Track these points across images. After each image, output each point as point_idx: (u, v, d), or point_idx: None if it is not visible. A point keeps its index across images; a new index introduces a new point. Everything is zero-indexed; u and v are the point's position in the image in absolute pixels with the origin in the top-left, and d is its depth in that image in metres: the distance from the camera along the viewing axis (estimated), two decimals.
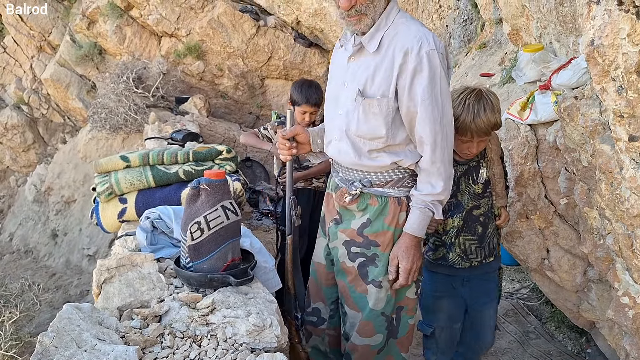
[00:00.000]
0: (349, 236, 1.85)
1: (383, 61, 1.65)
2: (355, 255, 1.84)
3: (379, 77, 1.65)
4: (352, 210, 1.84)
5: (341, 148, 1.77)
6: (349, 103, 1.72)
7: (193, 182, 1.66)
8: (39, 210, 7.31)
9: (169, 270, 1.74)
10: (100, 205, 2.42)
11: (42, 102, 7.92)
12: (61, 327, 1.17)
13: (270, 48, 7.25)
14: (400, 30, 1.63)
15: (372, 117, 1.67)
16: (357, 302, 1.87)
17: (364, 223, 1.81)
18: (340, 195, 1.84)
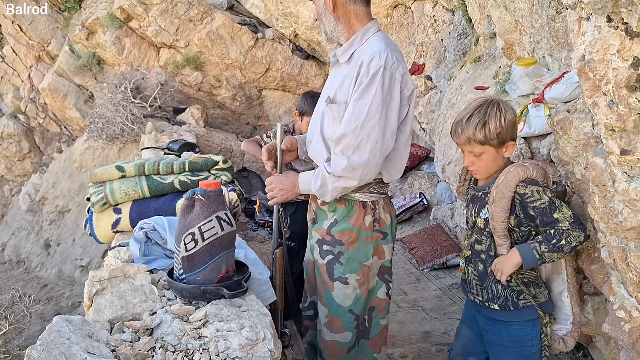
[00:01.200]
0: (321, 235, 2.00)
1: (350, 72, 1.81)
2: (325, 252, 1.99)
3: (345, 85, 1.81)
4: (325, 210, 1.98)
5: (317, 148, 1.94)
6: (322, 107, 1.92)
7: (188, 193, 1.66)
8: (32, 220, 7.27)
9: (162, 282, 1.73)
10: (94, 215, 2.42)
11: (39, 111, 7.92)
12: (50, 340, 1.15)
13: (268, 60, 7.30)
14: (367, 47, 1.79)
15: (333, 121, 1.83)
16: (326, 297, 2.01)
17: (331, 223, 1.96)
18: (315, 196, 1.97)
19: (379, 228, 1.96)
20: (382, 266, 2.03)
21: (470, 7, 4.51)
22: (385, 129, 1.75)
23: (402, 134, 1.85)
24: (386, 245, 2.00)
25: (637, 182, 1.32)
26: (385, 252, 2.01)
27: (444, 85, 5.17)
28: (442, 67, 5.27)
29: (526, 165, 1.84)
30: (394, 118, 1.77)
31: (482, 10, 4.25)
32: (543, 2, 2.91)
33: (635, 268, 1.57)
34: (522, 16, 3.21)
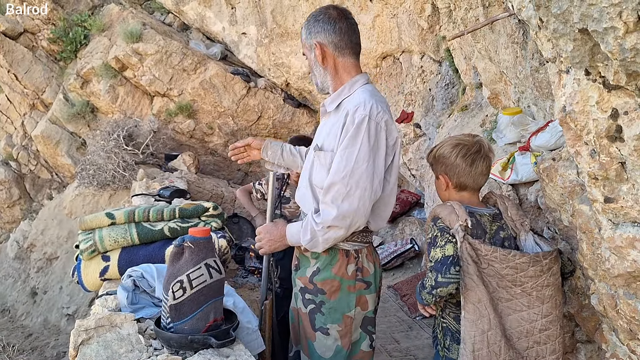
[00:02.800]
0: (303, 283, 1.97)
1: (337, 121, 1.86)
2: (308, 301, 1.96)
3: (332, 134, 1.85)
4: (308, 257, 1.96)
5: (304, 194, 1.95)
6: (311, 155, 1.94)
7: (177, 240, 1.65)
8: (19, 268, 7.13)
9: (149, 331, 1.70)
10: (83, 263, 2.38)
11: (31, 158, 7.93)
12: None
13: (260, 108, 7.44)
14: (353, 97, 1.85)
15: (321, 168, 1.86)
16: (308, 347, 1.97)
17: (314, 271, 1.93)
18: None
19: (361, 277, 1.92)
20: (366, 317, 1.97)
21: (457, 59, 4.68)
22: (373, 176, 1.76)
23: (387, 182, 1.86)
24: (369, 295, 1.94)
25: (622, 229, 1.34)
26: (368, 303, 1.95)
27: (432, 132, 5.28)
28: (430, 115, 5.39)
29: (441, 205, 1.96)
30: (381, 166, 1.80)
31: (468, 61, 4.40)
32: (526, 55, 3.03)
33: (625, 315, 1.57)
34: (506, 67, 3.33)
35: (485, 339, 1.78)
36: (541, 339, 1.82)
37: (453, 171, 1.96)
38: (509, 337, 1.81)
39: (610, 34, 1.01)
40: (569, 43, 1.13)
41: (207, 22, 7.60)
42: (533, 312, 1.80)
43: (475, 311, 1.78)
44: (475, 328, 1.79)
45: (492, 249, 1.78)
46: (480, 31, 3.52)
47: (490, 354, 1.77)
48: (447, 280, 1.76)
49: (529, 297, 1.79)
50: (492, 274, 1.78)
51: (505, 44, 3.23)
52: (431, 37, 5.10)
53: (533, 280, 1.77)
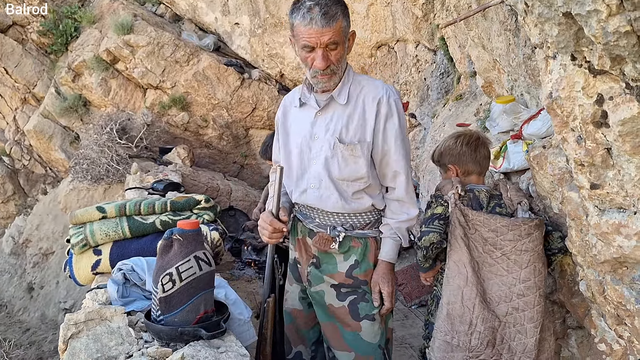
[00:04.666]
0: (338, 280, 1.93)
1: (355, 111, 1.83)
2: (346, 294, 1.94)
3: (352, 125, 1.82)
4: (334, 253, 1.93)
5: (322, 194, 1.88)
6: (324, 152, 1.85)
7: (166, 233, 1.65)
8: (15, 263, 7.12)
9: (140, 324, 1.70)
10: (74, 257, 2.38)
11: (24, 153, 7.89)
12: None
13: (255, 100, 7.40)
14: (365, 84, 1.86)
15: (352, 160, 1.82)
16: (349, 342, 1.94)
17: (352, 265, 1.92)
18: (321, 240, 1.93)
19: None
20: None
21: (451, 47, 4.65)
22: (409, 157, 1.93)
23: None
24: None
25: (608, 215, 1.34)
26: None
27: (427, 122, 5.27)
28: (425, 105, 5.38)
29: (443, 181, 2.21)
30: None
31: (462, 49, 4.38)
32: (519, 42, 3.01)
33: (612, 301, 1.57)
34: (499, 55, 3.32)
35: (460, 294, 1.94)
36: (519, 305, 1.91)
37: (460, 158, 2.16)
38: (489, 301, 1.93)
39: (593, 17, 1.00)
40: (554, 27, 1.12)
41: (199, 13, 7.53)
42: (512, 276, 1.91)
43: (454, 268, 1.96)
44: (452, 283, 1.96)
45: (478, 213, 1.96)
46: (473, 18, 3.50)
47: (464, 308, 1.92)
48: (429, 229, 1.98)
49: (508, 260, 1.91)
50: (478, 239, 1.94)
51: (498, 31, 3.21)
52: (425, 25, 5.07)
53: (512, 244, 1.89)
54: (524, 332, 1.90)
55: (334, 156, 1.83)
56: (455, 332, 1.93)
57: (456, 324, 1.93)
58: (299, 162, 1.94)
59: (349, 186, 1.86)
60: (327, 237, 1.91)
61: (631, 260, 1.37)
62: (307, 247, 2.01)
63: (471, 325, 1.90)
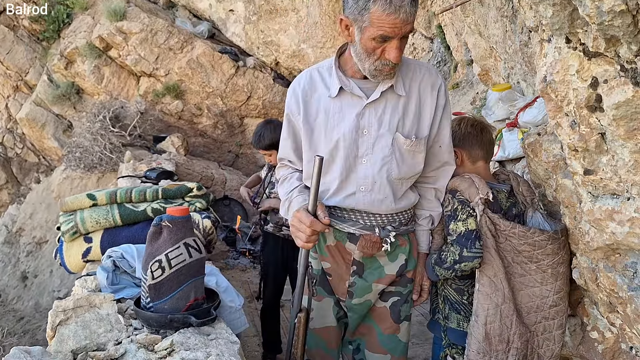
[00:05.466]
0: (388, 282, 1.78)
1: (410, 101, 1.63)
2: (389, 295, 1.80)
3: (409, 117, 1.63)
4: (379, 256, 1.75)
5: (375, 197, 1.66)
6: (381, 150, 1.62)
7: (155, 219, 1.62)
8: (9, 252, 7.09)
9: (130, 311, 1.68)
10: (65, 244, 2.36)
11: (17, 141, 7.82)
12: None
13: (250, 88, 7.35)
14: (415, 68, 1.65)
15: (411, 156, 1.65)
16: (386, 344, 1.81)
17: (402, 265, 1.77)
18: (369, 243, 1.70)
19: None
20: None
21: (448, 35, 4.62)
22: None
23: None
24: None
25: (602, 201, 1.33)
26: None
27: None
28: None
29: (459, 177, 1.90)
30: None
31: (459, 37, 4.35)
32: (515, 29, 2.98)
33: (605, 288, 1.57)
34: (496, 42, 3.29)
35: (499, 312, 1.79)
36: (550, 314, 1.83)
37: (466, 142, 1.97)
38: (518, 312, 1.81)
39: None
40: (549, 8, 1.10)
41: None
42: (546, 288, 1.79)
43: (490, 285, 1.79)
44: (490, 301, 1.79)
45: (512, 224, 1.77)
46: (469, 5, 3.47)
47: (502, 327, 1.79)
48: (473, 254, 1.74)
49: (544, 274, 1.78)
50: (508, 249, 1.78)
51: (494, 17, 3.18)
52: (422, 12, 5.03)
53: (550, 257, 1.75)
54: (552, 339, 1.85)
55: (392, 154, 1.61)
56: (494, 352, 1.80)
57: (494, 343, 1.80)
58: (342, 161, 1.64)
59: (403, 184, 1.69)
60: (375, 239, 1.69)
61: (624, 247, 1.36)
62: (344, 254, 1.75)
63: (509, 343, 1.80)
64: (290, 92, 1.72)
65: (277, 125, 3.24)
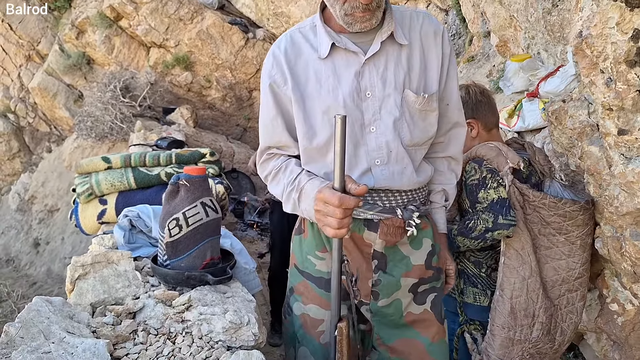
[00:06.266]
0: (418, 276, 1.45)
1: (413, 52, 1.36)
2: (424, 294, 1.47)
3: (415, 71, 1.37)
4: (399, 247, 1.43)
5: (394, 169, 1.37)
6: (390, 112, 1.35)
7: (172, 178, 1.60)
8: (21, 219, 7.16)
9: (146, 269, 1.68)
10: (80, 206, 2.36)
11: (29, 111, 7.83)
12: (29, 318, 1.10)
13: (259, 60, 7.27)
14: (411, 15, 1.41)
15: (422, 117, 1.38)
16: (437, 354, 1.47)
17: (430, 252, 1.46)
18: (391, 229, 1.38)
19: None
20: None
21: (464, 6, 4.51)
22: None
23: None
24: None
25: (635, 163, 1.29)
26: None
27: None
28: None
29: (483, 145, 1.82)
30: None
31: (476, 8, 4.24)
32: None
33: (630, 257, 1.54)
34: (517, 10, 3.20)
35: (525, 286, 1.73)
36: (574, 287, 1.77)
37: (479, 110, 1.89)
38: (544, 285, 1.77)
39: None
40: None
41: None
42: (572, 260, 1.74)
43: (517, 258, 1.73)
44: (517, 275, 1.73)
45: (542, 195, 1.69)
46: None
47: (528, 301, 1.73)
48: (509, 222, 1.65)
49: (572, 245, 1.72)
50: (535, 220, 1.72)
51: None
52: None
53: (580, 229, 1.69)
54: (575, 311, 1.80)
55: (402, 115, 1.35)
56: (519, 326, 1.74)
57: (520, 317, 1.74)
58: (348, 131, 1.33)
59: (416, 152, 1.41)
60: (399, 222, 1.37)
61: None
62: (362, 246, 1.41)
63: (534, 317, 1.74)
64: (270, 60, 1.39)
65: None
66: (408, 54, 1.36)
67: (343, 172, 1.16)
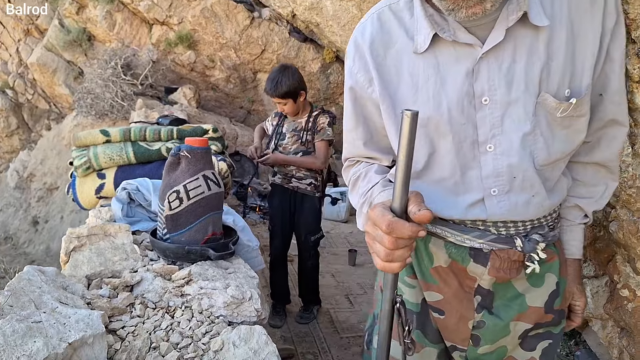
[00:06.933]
0: (533, 321, 1.14)
1: (555, 34, 0.96)
2: (536, 338, 1.18)
3: (557, 62, 0.97)
4: (513, 279, 1.12)
5: (518, 200, 1.04)
6: (517, 124, 0.99)
7: (173, 149, 1.54)
8: (20, 197, 7.12)
9: (145, 243, 1.62)
10: (77, 180, 2.30)
11: (28, 87, 7.74)
12: (19, 287, 1.05)
13: (264, 41, 7.15)
14: None
15: (566, 125, 1.00)
16: None
17: (553, 292, 1.15)
18: (506, 262, 1.08)
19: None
20: None
21: None
22: None
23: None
24: None
25: None
26: None
27: None
28: None
29: None
30: None
31: None
32: None
33: None
34: None
35: None
36: None
37: None
38: None
39: None
40: None
41: None
42: None
43: None
44: None
45: None
46: None
47: None
48: None
49: None
50: None
51: None
52: None
53: None
54: None
55: (535, 127, 0.99)
56: None
57: None
58: (452, 155, 1.03)
59: (553, 171, 1.06)
60: (517, 256, 1.08)
61: None
62: (464, 279, 1.14)
63: None
64: (351, 52, 1.09)
65: (295, 71, 3.11)
66: (548, 38, 0.96)
67: (406, 188, 0.85)
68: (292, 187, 3.34)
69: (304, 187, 3.32)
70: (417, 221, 0.84)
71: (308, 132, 3.17)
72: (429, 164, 1.05)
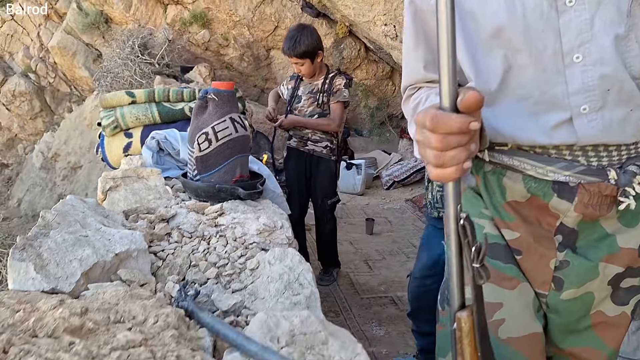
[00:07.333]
0: (626, 264, 1.00)
1: None
2: (630, 291, 1.03)
3: None
4: (605, 218, 0.97)
5: (613, 117, 0.89)
6: (608, 28, 0.83)
7: (201, 92, 1.60)
8: (45, 177, 7.31)
9: (176, 187, 1.69)
10: (106, 139, 2.37)
11: (49, 70, 7.88)
12: (65, 210, 1.12)
13: (277, 17, 7.16)
14: None
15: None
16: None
17: None
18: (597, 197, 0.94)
19: None
20: None
21: None
22: None
23: None
24: None
25: None
26: None
27: None
28: None
29: None
30: None
31: None
32: None
33: None
34: None
35: None
36: None
37: None
38: None
39: None
40: None
41: None
42: None
43: None
44: None
45: None
46: None
47: None
48: None
49: None
50: None
51: None
52: None
53: None
54: None
55: (631, 31, 0.83)
56: None
57: None
58: (530, 68, 0.89)
59: None
60: (609, 190, 0.93)
61: None
62: (544, 216, 1.00)
63: None
64: None
65: (313, 31, 3.11)
66: None
67: (454, 79, 0.71)
68: (307, 150, 3.35)
69: (319, 150, 3.34)
70: (464, 108, 0.71)
71: (324, 93, 3.19)
72: (504, 83, 0.91)
